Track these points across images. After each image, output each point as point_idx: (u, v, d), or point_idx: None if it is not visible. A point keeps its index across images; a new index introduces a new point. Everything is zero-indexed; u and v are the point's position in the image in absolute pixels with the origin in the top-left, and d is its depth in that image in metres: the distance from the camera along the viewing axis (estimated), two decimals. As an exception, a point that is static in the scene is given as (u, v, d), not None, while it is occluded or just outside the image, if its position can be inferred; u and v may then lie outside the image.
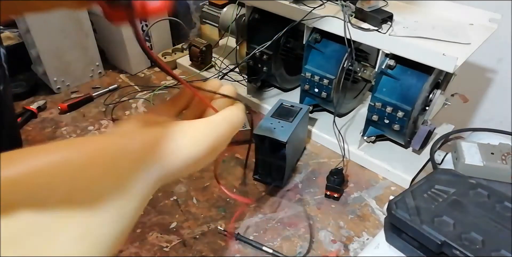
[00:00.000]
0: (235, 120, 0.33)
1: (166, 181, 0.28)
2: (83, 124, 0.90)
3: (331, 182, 0.70)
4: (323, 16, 0.70)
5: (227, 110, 0.34)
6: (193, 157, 0.29)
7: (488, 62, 0.95)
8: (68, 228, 0.20)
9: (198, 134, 0.30)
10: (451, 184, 0.53)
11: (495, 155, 0.65)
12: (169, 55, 1.09)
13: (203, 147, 0.29)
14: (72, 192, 0.20)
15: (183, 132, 0.29)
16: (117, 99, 0.97)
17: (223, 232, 0.65)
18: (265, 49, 0.83)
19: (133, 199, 0.24)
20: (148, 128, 0.29)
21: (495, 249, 0.44)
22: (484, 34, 0.66)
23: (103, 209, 0.22)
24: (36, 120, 0.91)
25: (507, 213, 0.49)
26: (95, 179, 0.22)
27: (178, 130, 0.29)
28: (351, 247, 0.64)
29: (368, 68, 0.77)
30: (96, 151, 0.23)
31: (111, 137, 0.26)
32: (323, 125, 0.85)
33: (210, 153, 0.30)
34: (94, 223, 0.21)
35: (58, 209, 0.20)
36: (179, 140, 0.28)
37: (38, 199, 0.19)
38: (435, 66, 0.62)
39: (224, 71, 1.00)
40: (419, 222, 0.47)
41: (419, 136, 0.71)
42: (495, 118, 1.01)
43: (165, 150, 0.27)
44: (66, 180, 0.20)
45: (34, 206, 0.19)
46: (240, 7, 0.91)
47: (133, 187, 0.24)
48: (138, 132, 0.29)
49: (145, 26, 1.02)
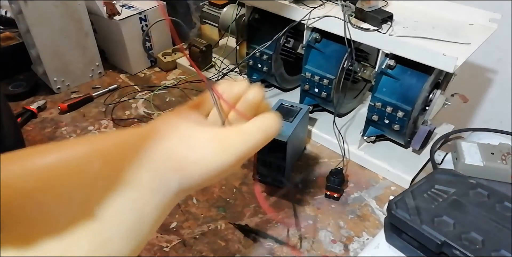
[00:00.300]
0: (270, 131, 0.29)
1: (189, 191, 0.27)
2: (83, 124, 0.90)
3: (331, 182, 0.70)
4: (323, 16, 0.70)
5: (261, 118, 0.30)
6: (218, 168, 0.26)
7: (488, 62, 0.95)
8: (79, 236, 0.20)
9: (228, 144, 0.27)
10: (451, 184, 0.53)
11: (495, 155, 0.65)
12: (169, 55, 1.09)
13: (231, 158, 0.27)
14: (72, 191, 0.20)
15: (210, 140, 0.27)
16: (117, 99, 0.97)
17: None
18: (265, 49, 0.83)
19: (148, 194, 0.23)
20: (172, 133, 0.27)
21: (495, 249, 0.44)
22: (484, 34, 0.66)
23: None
24: (36, 120, 0.91)
25: (507, 213, 0.49)
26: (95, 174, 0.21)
27: (204, 138, 0.27)
28: (351, 247, 0.64)
29: (368, 68, 0.77)
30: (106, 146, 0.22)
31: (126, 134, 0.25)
32: (323, 125, 0.85)
33: (237, 162, 0.28)
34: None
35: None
36: (205, 149, 0.26)
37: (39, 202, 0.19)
38: (435, 66, 0.62)
39: (224, 71, 1.00)
40: (419, 222, 0.47)
41: (419, 136, 0.71)
42: (495, 118, 1.01)
43: (188, 159, 0.25)
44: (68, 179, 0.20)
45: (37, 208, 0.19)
46: (240, 7, 0.91)
47: (139, 178, 0.23)
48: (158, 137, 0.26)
49: (145, 26, 1.02)
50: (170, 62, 1.08)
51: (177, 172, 0.25)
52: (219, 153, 0.26)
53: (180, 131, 0.27)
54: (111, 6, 0.97)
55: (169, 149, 0.25)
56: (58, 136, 0.87)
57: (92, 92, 0.98)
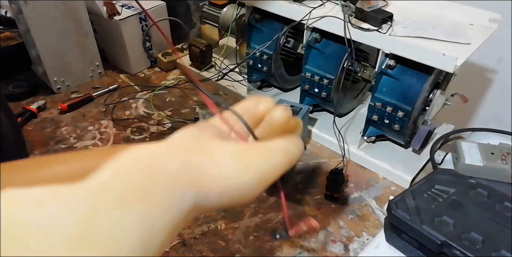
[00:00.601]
0: (292, 154, 0.27)
1: (207, 210, 0.24)
2: (83, 124, 0.90)
3: (331, 182, 0.70)
4: (323, 16, 0.70)
5: (286, 139, 0.28)
6: (239, 187, 0.24)
7: (488, 62, 0.95)
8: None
9: (249, 162, 0.25)
10: (451, 184, 0.53)
11: (495, 155, 0.65)
12: (169, 55, 1.09)
13: (252, 177, 0.25)
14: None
15: (231, 155, 0.25)
16: (117, 99, 0.97)
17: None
18: (265, 49, 0.83)
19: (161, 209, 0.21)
20: (191, 145, 0.25)
21: (495, 249, 0.44)
22: (484, 34, 0.66)
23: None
24: (36, 120, 0.91)
25: (507, 213, 0.49)
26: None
27: (226, 152, 0.25)
28: (351, 247, 0.64)
29: (368, 68, 0.77)
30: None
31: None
32: (323, 125, 0.85)
33: (259, 184, 0.25)
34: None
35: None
36: (225, 165, 0.24)
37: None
38: (435, 66, 0.62)
39: (224, 71, 1.00)
40: (419, 222, 0.47)
41: (419, 136, 0.71)
42: (495, 118, 1.01)
43: (206, 174, 0.23)
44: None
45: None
46: (240, 7, 0.91)
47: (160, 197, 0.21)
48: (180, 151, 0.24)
49: (145, 26, 1.02)
50: (170, 62, 1.08)
51: (194, 187, 0.23)
52: (240, 170, 0.24)
53: (200, 144, 0.25)
54: (111, 6, 0.97)
55: (186, 161, 0.23)
56: (58, 136, 0.87)
57: (92, 92, 0.98)
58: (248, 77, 0.93)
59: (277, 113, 0.29)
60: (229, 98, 0.98)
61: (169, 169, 0.22)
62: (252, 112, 0.29)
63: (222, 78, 0.99)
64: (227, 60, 1.03)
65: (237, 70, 0.98)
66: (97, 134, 0.87)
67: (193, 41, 1.02)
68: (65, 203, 0.18)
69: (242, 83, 0.97)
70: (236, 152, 0.25)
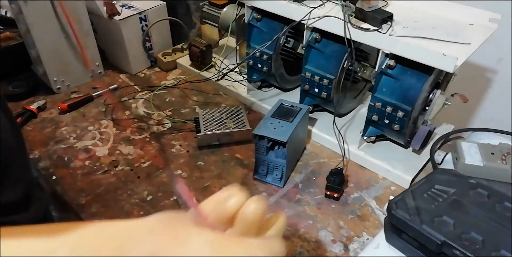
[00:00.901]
0: (275, 251, 0.25)
1: None
2: (83, 124, 0.90)
3: (331, 182, 0.70)
4: (323, 16, 0.70)
5: (267, 240, 0.26)
6: None
7: (488, 62, 0.95)
8: None
9: (225, 254, 0.24)
10: (451, 184, 0.53)
11: (495, 155, 0.65)
12: (169, 55, 1.09)
13: None
14: None
15: (206, 245, 0.24)
16: (117, 99, 0.97)
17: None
18: (265, 49, 0.83)
19: None
20: (166, 231, 0.25)
21: (495, 249, 0.44)
22: (484, 34, 0.66)
23: None
24: (36, 120, 0.91)
25: (507, 213, 0.49)
26: None
27: (200, 241, 0.24)
28: (351, 247, 0.64)
29: (368, 68, 0.77)
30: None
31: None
32: (323, 125, 0.85)
33: None
34: None
35: None
36: (198, 254, 0.24)
37: None
38: (435, 66, 0.62)
39: (224, 71, 1.00)
40: (419, 222, 0.47)
41: (419, 136, 0.71)
42: (495, 118, 1.00)
43: None
44: None
45: None
46: (240, 7, 0.91)
47: None
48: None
49: (145, 26, 1.02)
50: (170, 62, 1.08)
51: None
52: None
53: (176, 231, 0.24)
54: (111, 6, 0.97)
55: (157, 247, 0.23)
56: (58, 136, 0.87)
57: (92, 92, 0.98)
58: (248, 77, 0.93)
59: (248, 209, 0.27)
60: (229, 98, 0.98)
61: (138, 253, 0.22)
62: (221, 208, 0.28)
63: (222, 78, 0.99)
64: (227, 60, 1.03)
65: (237, 70, 0.98)
66: (97, 134, 0.87)
67: (193, 41, 1.02)
68: None
69: (242, 83, 0.97)
70: (212, 241, 0.24)
